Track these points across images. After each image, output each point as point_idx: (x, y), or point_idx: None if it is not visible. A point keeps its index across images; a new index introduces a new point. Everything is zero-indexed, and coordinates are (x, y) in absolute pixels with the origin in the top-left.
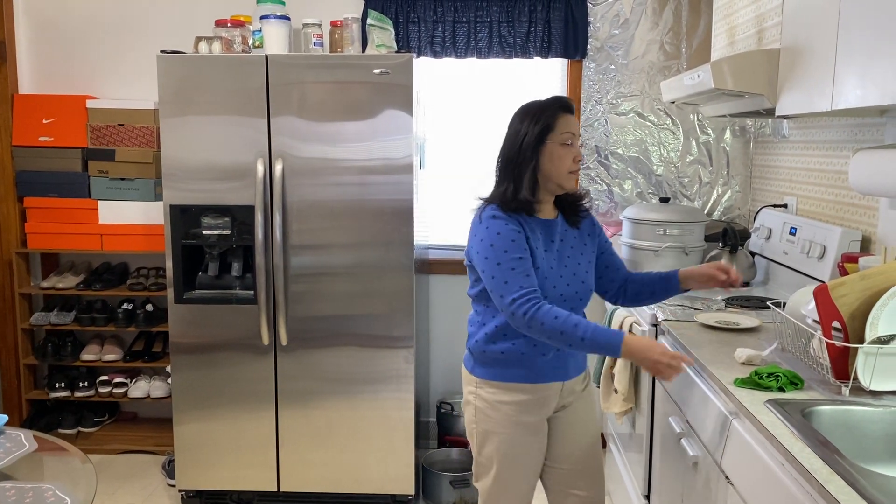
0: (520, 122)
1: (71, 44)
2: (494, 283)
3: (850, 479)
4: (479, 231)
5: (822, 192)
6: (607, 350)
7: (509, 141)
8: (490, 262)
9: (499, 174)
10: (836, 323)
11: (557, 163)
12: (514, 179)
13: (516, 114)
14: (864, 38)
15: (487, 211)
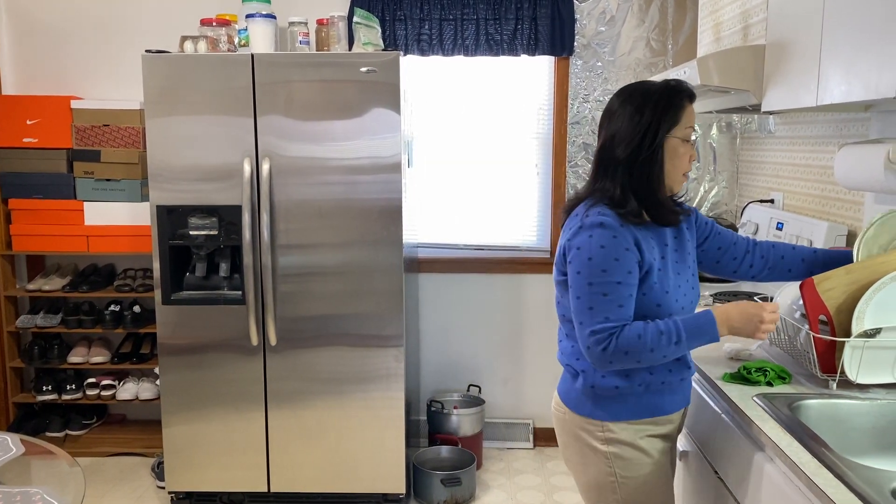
0: (641, 108)
1: (55, 44)
2: (578, 305)
3: (838, 471)
4: (581, 239)
5: (808, 187)
6: (707, 339)
7: (628, 130)
8: (580, 279)
9: (605, 170)
10: (822, 317)
11: (677, 162)
12: (635, 180)
13: (631, 96)
14: (849, 33)
15: (594, 215)
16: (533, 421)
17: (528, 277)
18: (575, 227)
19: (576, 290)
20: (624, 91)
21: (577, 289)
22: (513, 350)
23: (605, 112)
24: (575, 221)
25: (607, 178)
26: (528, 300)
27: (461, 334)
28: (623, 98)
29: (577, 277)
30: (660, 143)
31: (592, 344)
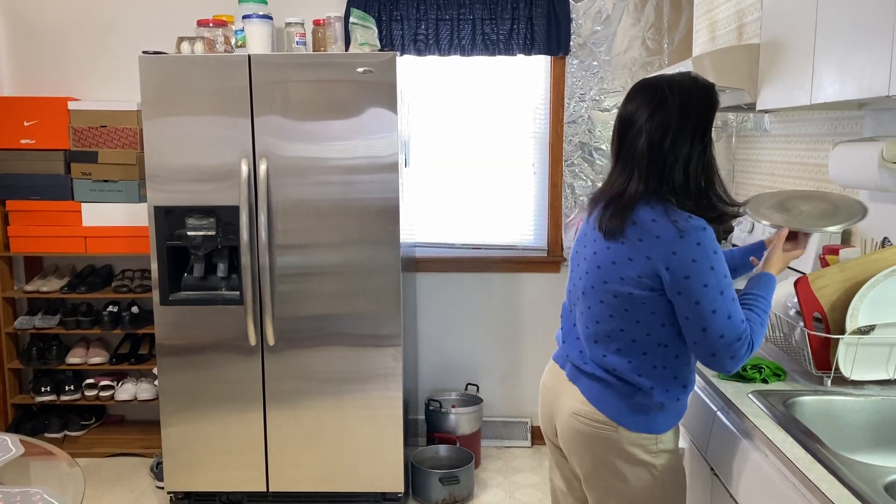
0: (687, 108)
1: (51, 45)
2: (714, 319)
3: (832, 467)
4: (687, 249)
5: (803, 185)
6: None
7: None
8: (711, 292)
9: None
10: (817, 314)
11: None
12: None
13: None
14: (842, 32)
15: (693, 220)
16: (531, 419)
17: (526, 276)
18: (671, 236)
19: (709, 304)
20: (657, 87)
21: (711, 302)
22: (510, 349)
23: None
24: (660, 228)
25: (648, 177)
26: (525, 299)
27: (459, 333)
28: (670, 88)
29: (706, 291)
30: (709, 139)
31: (742, 353)
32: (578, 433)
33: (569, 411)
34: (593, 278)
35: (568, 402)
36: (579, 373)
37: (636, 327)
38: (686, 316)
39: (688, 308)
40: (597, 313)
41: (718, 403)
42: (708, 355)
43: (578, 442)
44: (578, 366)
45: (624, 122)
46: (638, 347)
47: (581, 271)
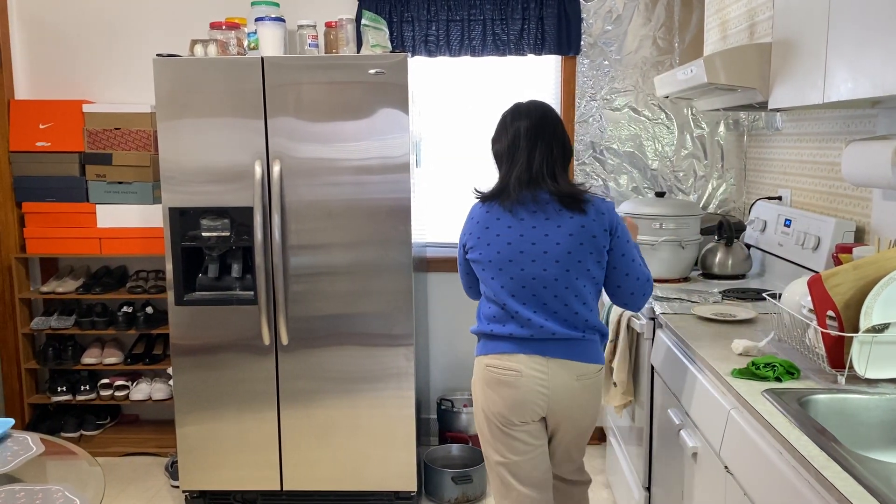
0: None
1: (66, 48)
2: (637, 263)
3: (847, 465)
4: (617, 216)
5: (815, 183)
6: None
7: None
8: (633, 245)
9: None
10: (830, 312)
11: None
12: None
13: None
14: (855, 30)
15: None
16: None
17: None
18: (609, 207)
19: (630, 254)
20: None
21: (632, 251)
22: None
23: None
24: (603, 202)
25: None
26: None
27: (470, 333)
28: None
29: (629, 245)
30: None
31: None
32: (581, 388)
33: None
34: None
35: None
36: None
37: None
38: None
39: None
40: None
41: (731, 402)
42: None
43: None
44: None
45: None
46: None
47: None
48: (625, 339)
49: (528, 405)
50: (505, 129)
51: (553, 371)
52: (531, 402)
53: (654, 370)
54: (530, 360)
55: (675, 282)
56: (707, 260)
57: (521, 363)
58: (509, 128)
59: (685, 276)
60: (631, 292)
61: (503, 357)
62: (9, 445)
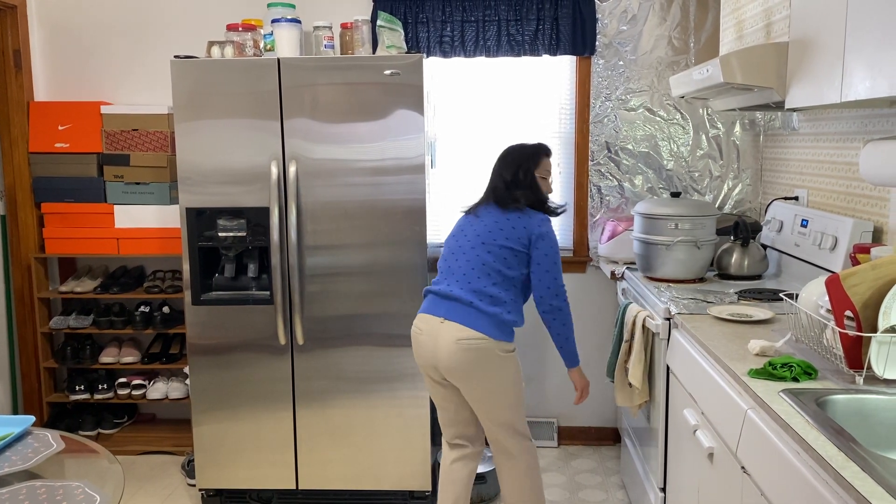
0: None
1: (84, 51)
2: (555, 269)
3: (865, 465)
4: (550, 233)
5: (833, 183)
6: (572, 358)
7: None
8: (557, 258)
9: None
10: (848, 312)
11: (543, 187)
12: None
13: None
14: (873, 29)
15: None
16: (557, 420)
17: None
18: (542, 219)
19: (550, 261)
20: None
21: (556, 265)
22: (536, 349)
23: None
24: (533, 217)
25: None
26: None
27: None
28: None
29: (552, 257)
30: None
31: (564, 292)
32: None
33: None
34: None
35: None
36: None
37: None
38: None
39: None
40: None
41: (749, 402)
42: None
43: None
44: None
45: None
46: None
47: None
48: (640, 340)
49: (423, 359)
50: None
51: (440, 331)
52: (423, 356)
53: (670, 370)
54: (430, 318)
55: (691, 282)
56: (723, 260)
57: (423, 321)
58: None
59: (701, 277)
60: (540, 295)
61: (419, 315)
62: (29, 442)
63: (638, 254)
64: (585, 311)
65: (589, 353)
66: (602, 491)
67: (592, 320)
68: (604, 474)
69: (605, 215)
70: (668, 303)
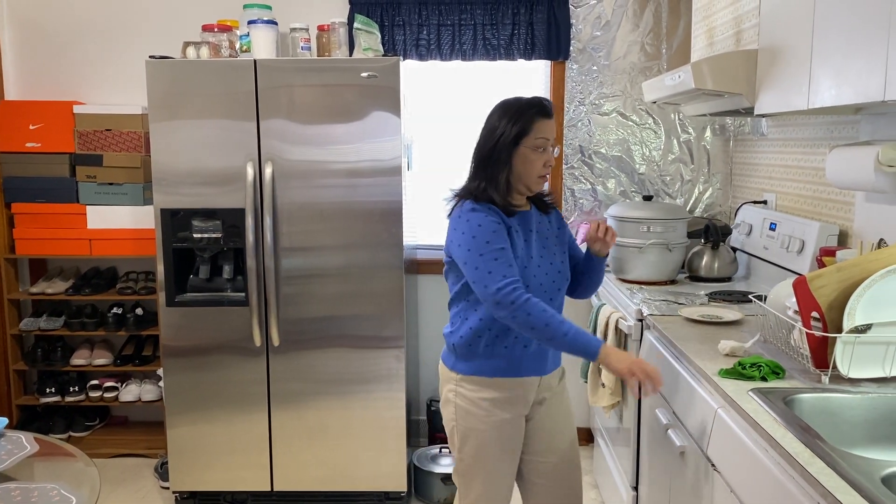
0: (497, 120)
1: (57, 49)
2: (478, 274)
3: (831, 461)
4: (460, 224)
5: (800, 188)
6: (585, 351)
7: (485, 137)
8: (473, 254)
9: (473, 169)
10: (815, 313)
11: (528, 167)
12: (486, 178)
13: (495, 109)
14: (839, 39)
15: (466, 205)
16: None
17: None
18: (454, 218)
19: (472, 262)
20: (496, 104)
21: (473, 261)
22: None
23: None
24: (455, 214)
25: (475, 177)
26: None
27: None
28: (493, 109)
29: (470, 254)
30: (511, 150)
31: (502, 297)
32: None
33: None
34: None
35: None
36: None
37: (450, 287)
38: (465, 273)
39: (463, 268)
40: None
41: (719, 401)
42: (483, 300)
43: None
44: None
45: None
46: (452, 302)
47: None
48: (612, 341)
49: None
50: None
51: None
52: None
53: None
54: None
55: (663, 284)
56: (694, 263)
57: None
58: None
59: (672, 279)
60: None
61: None
62: (2, 444)
63: (611, 256)
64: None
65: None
66: None
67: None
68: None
69: (579, 218)
70: (640, 304)
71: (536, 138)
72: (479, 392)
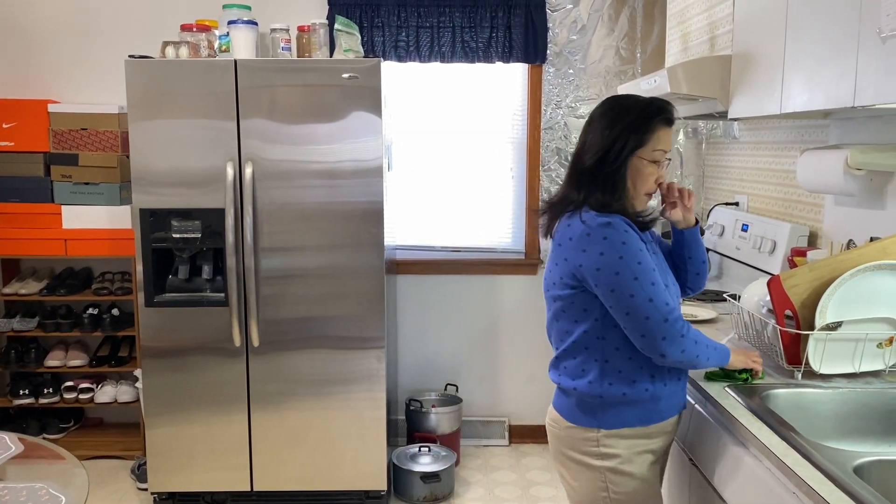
0: (612, 123)
1: (31, 47)
2: (634, 303)
3: (805, 452)
4: (594, 243)
5: (771, 190)
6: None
7: (597, 141)
8: (624, 279)
9: (574, 176)
10: (788, 311)
11: (640, 182)
12: (606, 189)
13: (609, 109)
14: (811, 46)
15: (592, 217)
16: (508, 419)
17: (504, 278)
18: (579, 234)
19: (625, 290)
20: (606, 102)
21: (627, 287)
22: (488, 349)
23: (587, 120)
24: (574, 231)
25: (573, 185)
26: (503, 300)
27: (438, 334)
28: (603, 109)
29: (619, 279)
30: (624, 160)
31: (669, 332)
32: (548, 435)
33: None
34: (544, 285)
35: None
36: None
37: (575, 326)
38: (610, 305)
39: (607, 297)
40: (549, 319)
41: (697, 397)
42: (639, 337)
43: (550, 446)
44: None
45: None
46: (580, 344)
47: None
48: None
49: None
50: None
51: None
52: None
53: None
54: None
55: None
56: None
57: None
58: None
59: None
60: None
61: None
62: None
63: None
64: (537, 312)
65: (541, 351)
66: (552, 487)
67: (543, 320)
68: (554, 471)
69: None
70: None
71: (654, 150)
72: (637, 443)
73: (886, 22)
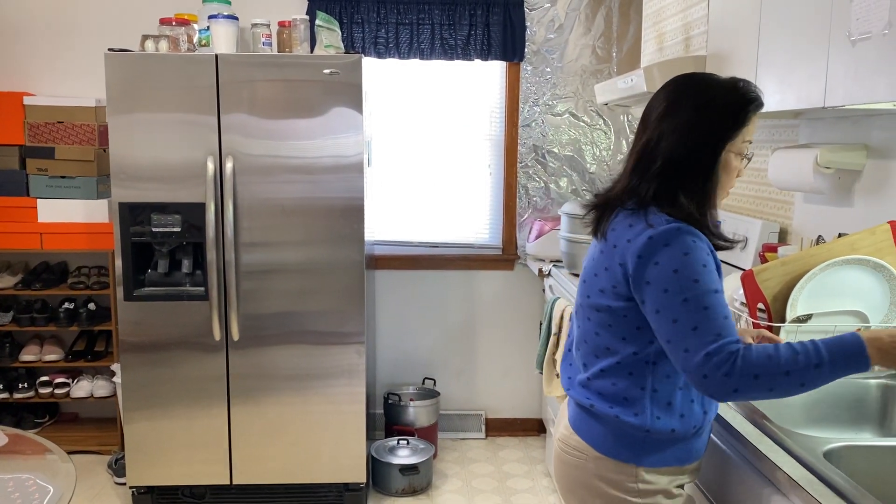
0: (700, 108)
1: (7, 40)
2: (675, 330)
3: (778, 439)
4: (656, 252)
5: (743, 188)
6: (855, 364)
7: (687, 132)
8: (672, 298)
9: (651, 172)
10: (761, 305)
11: (727, 178)
12: (686, 187)
13: (693, 91)
14: (782, 48)
15: (662, 222)
16: (485, 412)
17: (481, 273)
18: (643, 242)
19: (670, 313)
20: (682, 83)
21: (671, 310)
22: (466, 344)
23: (654, 105)
24: (635, 232)
25: (640, 179)
26: (480, 295)
27: (416, 329)
28: (682, 91)
29: (666, 296)
30: (718, 153)
31: (711, 370)
32: (558, 460)
33: (556, 437)
34: (581, 293)
35: (559, 426)
36: (571, 397)
37: (622, 344)
38: (654, 327)
39: (652, 317)
40: (585, 331)
41: None
42: (681, 372)
43: (559, 472)
44: (568, 388)
45: (642, 117)
46: (624, 367)
47: (579, 286)
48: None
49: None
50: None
51: (558, 422)
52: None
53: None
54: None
55: None
56: None
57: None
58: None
59: None
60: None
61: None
62: None
63: (564, 252)
64: (514, 307)
65: (518, 346)
66: (528, 479)
67: (521, 315)
68: (530, 463)
69: (533, 215)
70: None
71: (744, 141)
72: (674, 481)
73: (856, 26)
